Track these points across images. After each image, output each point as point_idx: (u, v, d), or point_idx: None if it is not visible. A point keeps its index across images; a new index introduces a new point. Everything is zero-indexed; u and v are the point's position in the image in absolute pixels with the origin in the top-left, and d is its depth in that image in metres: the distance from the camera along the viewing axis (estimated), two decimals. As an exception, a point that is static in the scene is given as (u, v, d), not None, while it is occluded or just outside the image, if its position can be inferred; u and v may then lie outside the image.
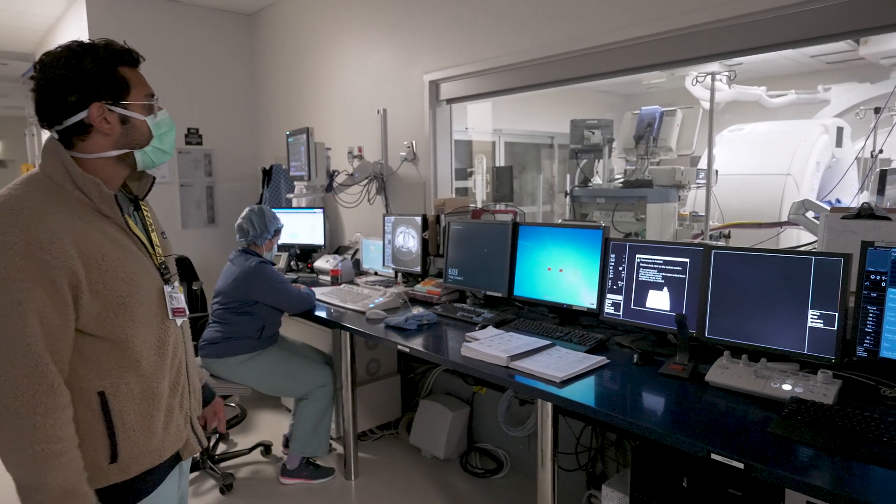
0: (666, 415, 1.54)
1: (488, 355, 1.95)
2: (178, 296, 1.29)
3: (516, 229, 2.52)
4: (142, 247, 1.23)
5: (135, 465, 1.18)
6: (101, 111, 1.15)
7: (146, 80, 1.23)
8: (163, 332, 1.24)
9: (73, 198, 1.12)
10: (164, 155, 1.27)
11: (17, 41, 5.84)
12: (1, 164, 12.16)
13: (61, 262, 1.04)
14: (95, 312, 1.11)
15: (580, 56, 2.63)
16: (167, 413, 1.24)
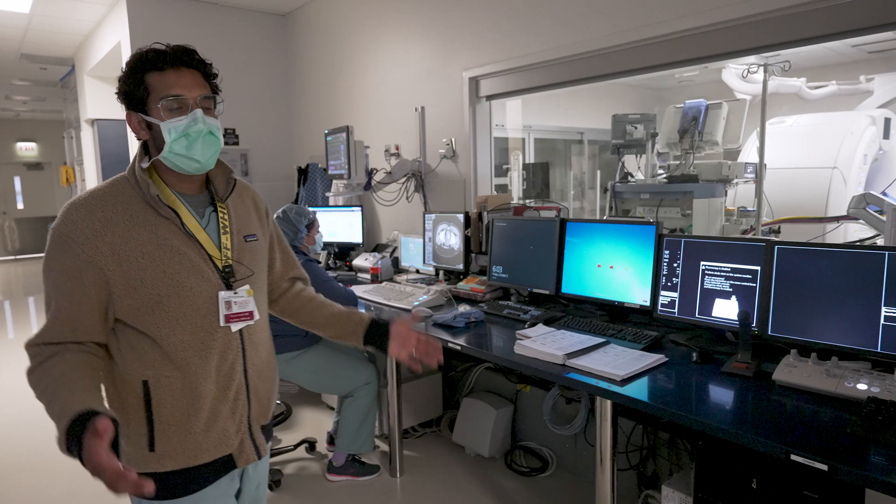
0: (734, 414, 1.51)
1: (544, 353, 1.93)
2: (242, 300, 1.26)
3: (563, 226, 2.50)
4: (199, 249, 1.23)
5: (169, 461, 1.20)
6: (133, 119, 1.23)
7: (172, 82, 1.17)
8: (208, 335, 1.22)
9: (136, 197, 1.19)
10: (187, 161, 1.20)
11: (57, 46, 5.98)
12: (38, 166, 12.51)
13: (89, 258, 1.13)
14: (132, 307, 1.17)
15: (621, 51, 2.60)
16: (210, 416, 1.22)
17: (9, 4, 4.59)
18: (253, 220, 1.38)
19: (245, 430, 1.29)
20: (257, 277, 1.34)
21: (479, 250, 3.01)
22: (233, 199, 1.34)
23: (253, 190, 1.45)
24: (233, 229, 1.30)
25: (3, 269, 11.07)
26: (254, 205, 1.42)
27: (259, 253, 1.37)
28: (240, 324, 1.26)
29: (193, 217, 1.25)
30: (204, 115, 1.19)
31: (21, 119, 11.61)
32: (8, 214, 12.28)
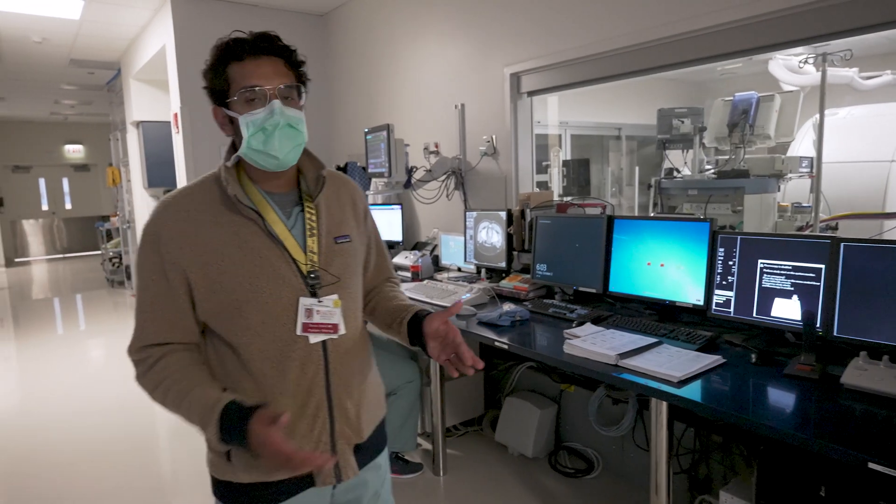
0: (802, 419, 1.45)
1: (595, 353, 1.89)
2: (326, 310, 1.16)
3: (611, 223, 2.45)
4: (282, 252, 1.14)
5: (243, 473, 1.16)
6: (219, 114, 1.18)
7: (251, 72, 1.10)
8: (286, 345, 1.13)
9: (221, 196, 1.14)
10: (265, 157, 1.12)
11: (104, 51, 6.16)
12: (85, 168, 12.96)
13: (173, 259, 1.10)
14: (213, 311, 1.13)
15: (667, 43, 2.53)
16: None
17: (61, 11, 4.75)
18: (348, 220, 1.27)
19: (326, 449, 1.18)
20: (348, 284, 1.22)
21: (521, 248, 2.98)
22: (326, 196, 1.24)
23: (353, 186, 1.33)
24: (321, 230, 1.20)
25: (52, 266, 11.52)
26: (351, 203, 1.30)
27: (351, 256, 1.25)
28: (319, 336, 1.16)
29: (279, 217, 1.17)
30: (283, 107, 1.11)
31: (69, 122, 12.04)
32: (57, 214, 12.76)
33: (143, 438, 3.40)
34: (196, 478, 2.92)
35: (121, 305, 7.38)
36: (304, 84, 1.19)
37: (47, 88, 8.23)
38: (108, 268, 8.99)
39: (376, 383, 1.35)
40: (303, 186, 1.23)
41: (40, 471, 3.02)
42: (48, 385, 4.38)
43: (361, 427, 1.24)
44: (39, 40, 5.62)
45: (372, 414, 1.29)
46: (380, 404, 1.34)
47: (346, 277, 1.22)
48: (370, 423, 1.28)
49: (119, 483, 2.86)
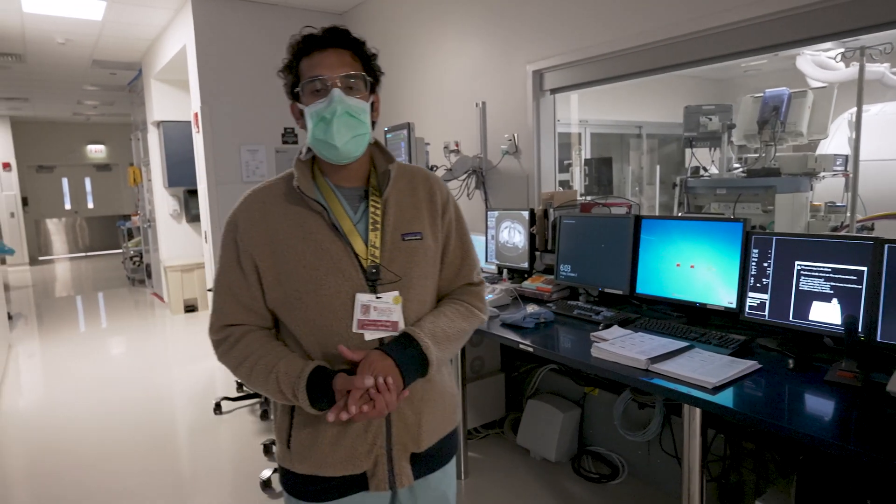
0: (845, 428, 1.38)
1: (624, 357, 1.84)
2: (385, 307, 1.13)
3: (638, 223, 2.38)
4: (344, 246, 1.13)
5: (298, 464, 1.18)
6: (294, 109, 1.20)
7: (316, 63, 1.13)
8: (341, 341, 1.11)
9: (293, 188, 1.16)
10: (327, 147, 1.12)
11: (125, 52, 6.22)
12: (106, 167, 13.14)
13: (245, 247, 1.15)
14: (278, 301, 1.15)
15: (694, 39, 2.47)
16: (339, 431, 1.14)
17: (83, 12, 4.79)
18: (421, 216, 1.21)
19: (381, 453, 1.16)
20: (413, 283, 1.17)
21: (544, 248, 2.93)
22: (398, 190, 1.21)
23: (433, 180, 1.27)
24: (386, 226, 1.17)
25: (74, 265, 11.69)
26: (427, 198, 1.24)
27: (420, 254, 1.19)
28: (376, 333, 1.13)
29: (345, 211, 1.17)
30: (343, 96, 1.10)
31: (91, 123, 12.22)
32: (79, 213, 12.96)
33: (163, 437, 3.41)
34: (215, 477, 2.91)
35: (141, 304, 7.45)
36: (374, 76, 1.20)
37: (70, 89, 8.35)
38: (129, 266, 9.09)
39: (447, 393, 1.28)
40: (371, 181, 1.22)
41: (62, 469, 3.04)
42: (71, 382, 4.42)
43: (421, 436, 1.20)
44: (63, 41, 5.69)
45: (436, 424, 1.24)
46: (447, 416, 1.28)
47: (410, 276, 1.17)
48: (432, 433, 1.23)
49: (139, 482, 2.87)
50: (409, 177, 1.24)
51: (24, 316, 6.98)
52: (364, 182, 1.21)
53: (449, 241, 1.27)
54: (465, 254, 1.30)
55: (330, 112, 1.10)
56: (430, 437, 1.22)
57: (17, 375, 4.70)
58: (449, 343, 1.20)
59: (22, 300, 8.05)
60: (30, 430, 3.57)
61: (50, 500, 2.76)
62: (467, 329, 1.26)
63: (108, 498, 2.73)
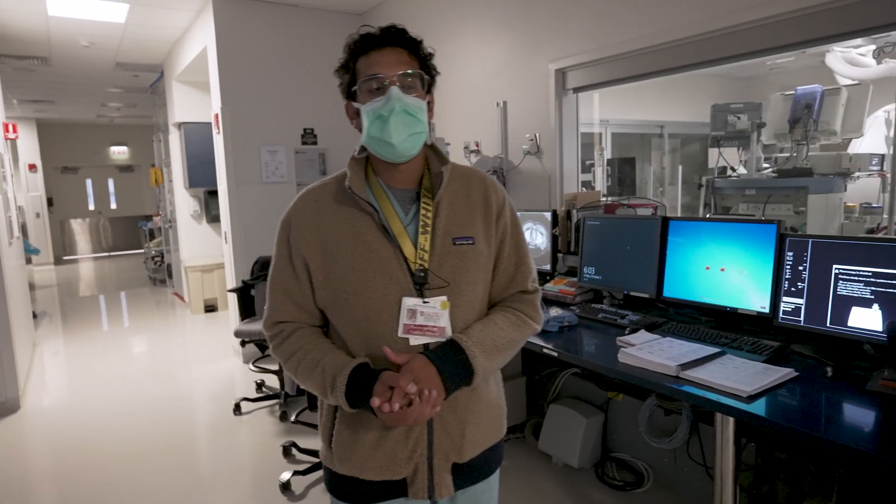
0: (890, 441, 1.31)
1: (653, 363, 1.78)
2: (432, 312, 1.10)
3: (666, 224, 2.32)
4: (393, 248, 1.12)
5: (338, 463, 1.18)
6: (349, 108, 1.19)
7: (374, 62, 1.11)
8: (386, 344, 1.09)
9: (345, 188, 1.16)
10: (383, 145, 1.10)
11: (147, 54, 6.29)
12: (129, 169, 13.33)
13: (297, 246, 1.15)
14: (327, 301, 1.16)
15: (721, 36, 2.40)
16: (380, 436, 1.13)
17: (107, 15, 4.84)
18: (474, 221, 1.17)
19: (422, 461, 1.14)
20: (462, 289, 1.14)
21: (567, 250, 2.87)
22: (451, 193, 1.18)
23: (489, 183, 1.23)
24: (437, 229, 1.14)
25: (97, 264, 11.88)
26: (483, 201, 1.20)
27: (471, 259, 1.16)
28: (423, 339, 1.10)
29: (396, 212, 1.15)
30: (401, 93, 1.09)
31: (114, 124, 12.40)
32: (102, 214, 13.16)
33: (184, 437, 3.42)
34: (235, 478, 2.91)
35: (162, 303, 7.53)
36: (430, 76, 1.19)
37: (94, 91, 8.47)
38: (151, 266, 9.20)
39: (494, 404, 1.25)
40: (424, 182, 1.20)
41: (85, 468, 3.06)
42: (94, 381, 4.47)
43: (464, 446, 1.17)
44: (87, 44, 5.76)
45: (480, 435, 1.21)
46: (493, 427, 1.25)
47: (460, 282, 1.14)
48: (476, 444, 1.20)
49: (160, 482, 2.87)
50: (463, 179, 1.21)
51: (48, 314, 7.10)
52: (417, 184, 1.20)
53: (503, 246, 1.22)
54: (520, 260, 1.25)
55: (387, 110, 1.09)
56: (474, 447, 1.19)
57: (42, 373, 4.76)
58: (497, 353, 1.16)
59: (47, 299, 8.19)
60: (53, 428, 3.61)
61: (73, 499, 2.78)
62: (518, 339, 1.21)
63: (130, 498, 2.74)
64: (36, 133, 11.22)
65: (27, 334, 5.03)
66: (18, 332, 4.23)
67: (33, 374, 4.69)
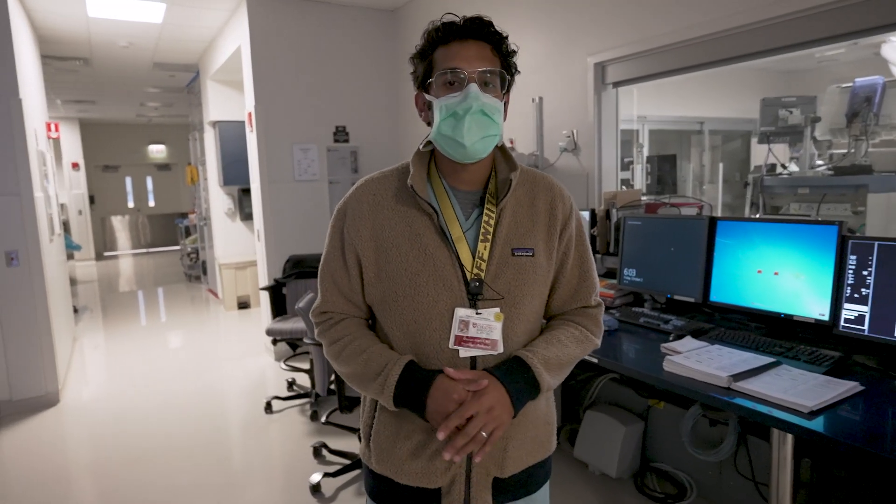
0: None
1: (702, 372, 1.68)
2: (485, 324, 1.05)
3: (713, 225, 2.20)
4: (450, 254, 1.06)
5: (376, 462, 1.15)
6: (419, 99, 1.13)
7: (454, 54, 1.04)
8: (433, 353, 1.06)
9: (406, 184, 1.11)
10: (453, 144, 1.04)
11: (184, 54, 6.37)
12: (166, 167, 13.63)
13: (351, 239, 1.11)
14: (376, 298, 1.12)
15: (772, 25, 2.26)
16: (419, 444, 1.09)
17: (144, 15, 4.92)
18: (537, 231, 1.11)
19: (459, 472, 1.09)
20: (518, 302, 1.08)
21: (605, 251, 2.77)
22: (516, 200, 1.11)
23: (556, 192, 1.16)
24: (497, 237, 1.08)
25: (136, 260, 12.18)
26: (548, 211, 1.13)
27: (529, 272, 1.09)
28: (473, 351, 1.05)
29: (456, 216, 1.09)
30: (480, 92, 1.02)
31: (153, 124, 12.69)
32: (141, 211, 13.50)
33: (216, 434, 3.43)
34: (265, 478, 2.89)
35: (197, 299, 7.65)
36: (510, 73, 1.11)
37: (133, 91, 8.66)
38: (186, 263, 9.38)
39: (542, 420, 1.18)
40: (490, 186, 1.13)
41: (120, 462, 3.09)
42: (131, 375, 4.54)
43: (506, 461, 1.12)
44: (126, 45, 5.87)
45: (525, 451, 1.14)
46: (540, 444, 1.18)
47: (515, 295, 1.08)
48: (520, 460, 1.14)
49: (192, 479, 2.88)
50: (529, 185, 1.15)
51: (89, 309, 7.29)
52: (482, 187, 1.13)
53: (567, 259, 1.17)
54: (585, 274, 1.19)
55: (463, 108, 1.02)
56: (517, 463, 1.13)
57: (81, 368, 4.87)
58: (560, 369, 1.12)
59: (88, 294, 8.41)
60: (91, 422, 3.67)
61: (109, 494, 2.81)
62: (579, 356, 1.17)
63: (164, 493, 2.75)
64: (79, 132, 11.55)
65: (67, 329, 5.15)
66: (59, 326, 4.32)
67: (73, 368, 4.80)
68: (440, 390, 1.01)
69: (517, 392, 1.04)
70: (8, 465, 3.17)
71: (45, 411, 3.83)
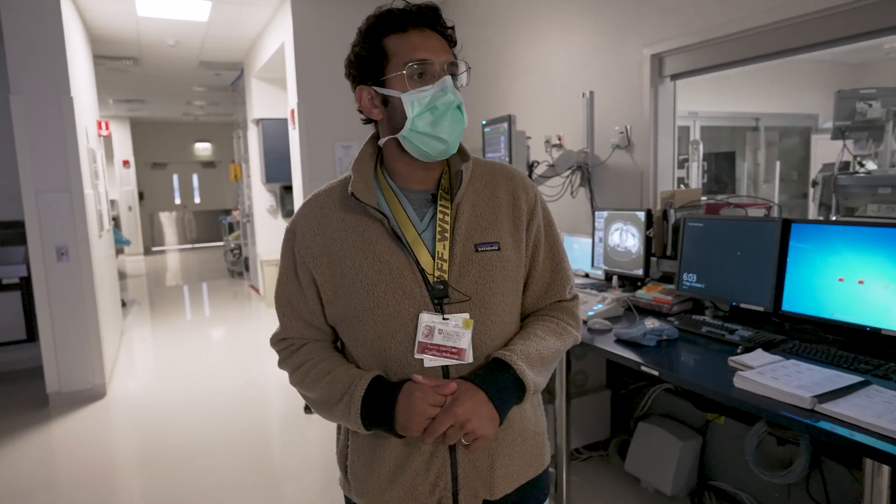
0: None
1: (780, 391, 1.52)
2: (452, 332, 0.97)
3: (787, 228, 2.02)
4: (407, 258, 0.99)
5: (356, 495, 1.08)
6: (366, 94, 1.03)
7: (418, 44, 0.97)
8: (401, 366, 0.99)
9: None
10: (431, 142, 0.97)
11: (229, 52, 6.44)
12: (211, 164, 13.93)
13: (302, 258, 1.04)
14: (337, 316, 1.05)
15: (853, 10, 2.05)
16: (398, 466, 1.01)
17: (191, 14, 4.97)
18: (500, 224, 1.04)
19: (445, 495, 1.01)
20: (487, 302, 1.01)
21: (662, 254, 2.60)
22: (474, 193, 1.04)
23: (517, 180, 1.09)
24: (456, 235, 1.01)
25: (182, 256, 12.50)
26: (511, 202, 1.06)
27: (497, 268, 1.02)
28: (439, 360, 0.98)
29: (409, 218, 1.02)
30: (453, 85, 0.98)
31: (199, 122, 12.99)
32: (187, 208, 13.85)
33: (257, 432, 3.42)
34: (304, 479, 2.85)
35: (239, 295, 7.76)
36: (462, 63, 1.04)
37: (181, 90, 8.85)
38: (229, 259, 9.54)
39: (531, 432, 1.09)
40: (443, 182, 1.05)
41: (165, 457, 3.10)
42: (176, 370, 4.61)
43: (494, 481, 1.04)
44: (173, 44, 5.97)
45: (515, 468, 1.06)
46: (530, 459, 1.09)
47: (483, 295, 1.01)
48: (509, 479, 1.05)
49: (236, 477, 2.86)
50: (487, 176, 1.08)
51: (137, 303, 7.47)
52: (435, 184, 1.06)
53: (538, 251, 1.10)
54: (557, 266, 1.12)
55: (444, 103, 0.96)
56: (508, 482, 1.05)
57: (128, 361, 4.96)
58: (543, 365, 1.04)
59: (137, 288, 8.65)
60: (136, 416, 3.71)
61: (153, 490, 2.81)
62: (561, 349, 1.10)
63: (205, 490, 2.74)
64: (129, 131, 11.91)
65: (115, 322, 5.26)
66: (106, 320, 4.40)
67: (120, 361, 4.90)
68: (408, 398, 0.92)
69: (499, 395, 0.95)
70: (57, 455, 3.23)
71: (93, 404, 3.90)
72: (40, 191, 3.71)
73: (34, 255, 3.74)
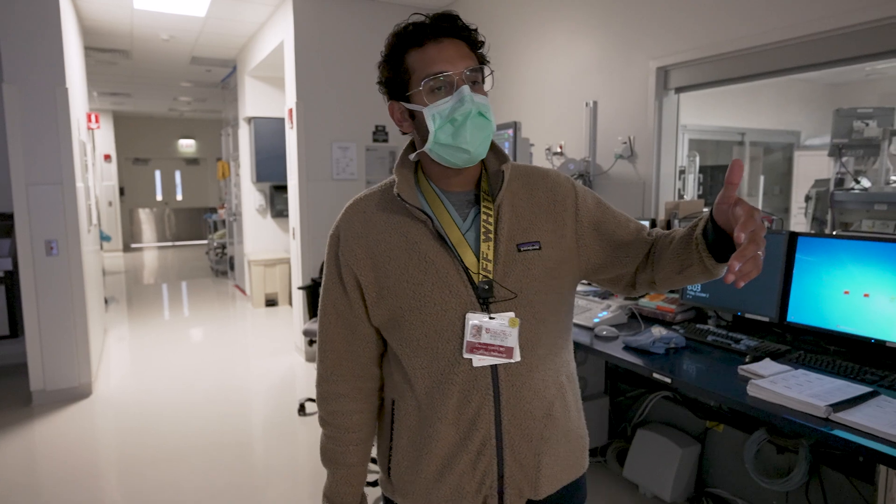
0: None
1: (794, 400, 1.55)
2: (499, 330, 0.98)
3: (794, 240, 2.07)
4: (452, 258, 1.00)
5: (400, 496, 1.09)
6: (396, 109, 1.05)
7: (433, 57, 0.97)
8: (449, 366, 0.99)
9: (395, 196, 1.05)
10: (454, 152, 0.98)
11: (223, 49, 6.37)
12: (194, 161, 13.73)
13: (346, 262, 1.05)
14: (382, 318, 1.05)
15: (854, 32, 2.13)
16: (444, 464, 1.02)
17: (189, 9, 4.91)
18: (540, 224, 1.05)
19: (491, 493, 1.02)
20: (531, 300, 1.02)
21: (665, 263, 2.64)
22: (513, 194, 1.05)
23: (556, 181, 1.09)
24: (499, 235, 1.02)
25: (161, 253, 12.27)
26: (550, 199, 1.06)
27: (539, 267, 1.02)
28: (487, 359, 0.98)
29: (452, 219, 1.03)
30: (472, 93, 0.96)
31: (184, 118, 12.80)
32: (168, 205, 13.62)
33: (247, 433, 3.37)
34: (295, 483, 2.82)
35: (223, 295, 7.65)
36: (486, 66, 1.04)
37: (168, 86, 8.71)
38: (213, 257, 9.40)
39: (574, 434, 1.11)
40: (483, 184, 1.07)
41: (148, 464, 3.04)
42: (160, 370, 4.51)
43: (540, 480, 1.05)
44: (167, 38, 5.88)
45: (559, 468, 1.07)
46: (574, 461, 1.11)
47: (528, 293, 1.02)
48: (554, 479, 1.06)
49: (225, 481, 2.81)
50: (524, 178, 1.09)
51: (116, 300, 7.32)
52: (474, 185, 1.08)
53: (586, 235, 1.07)
54: (620, 224, 1.09)
55: (462, 113, 0.96)
56: (552, 482, 1.06)
57: (111, 360, 4.85)
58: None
59: (116, 285, 8.46)
60: (121, 417, 3.63)
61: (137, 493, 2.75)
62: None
63: (190, 493, 2.69)
64: (112, 125, 11.68)
65: (100, 320, 5.15)
66: (93, 317, 4.31)
67: (105, 359, 4.79)
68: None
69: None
70: (39, 456, 3.15)
71: (79, 402, 3.81)
72: (31, 183, 3.62)
73: (22, 249, 3.64)
